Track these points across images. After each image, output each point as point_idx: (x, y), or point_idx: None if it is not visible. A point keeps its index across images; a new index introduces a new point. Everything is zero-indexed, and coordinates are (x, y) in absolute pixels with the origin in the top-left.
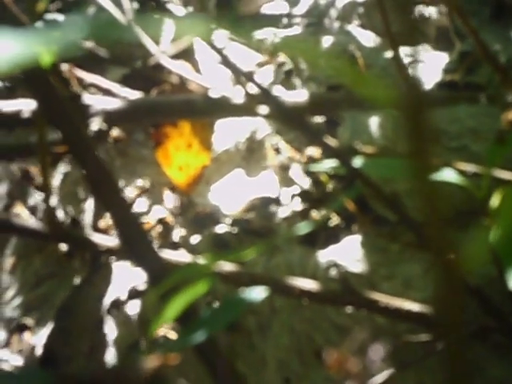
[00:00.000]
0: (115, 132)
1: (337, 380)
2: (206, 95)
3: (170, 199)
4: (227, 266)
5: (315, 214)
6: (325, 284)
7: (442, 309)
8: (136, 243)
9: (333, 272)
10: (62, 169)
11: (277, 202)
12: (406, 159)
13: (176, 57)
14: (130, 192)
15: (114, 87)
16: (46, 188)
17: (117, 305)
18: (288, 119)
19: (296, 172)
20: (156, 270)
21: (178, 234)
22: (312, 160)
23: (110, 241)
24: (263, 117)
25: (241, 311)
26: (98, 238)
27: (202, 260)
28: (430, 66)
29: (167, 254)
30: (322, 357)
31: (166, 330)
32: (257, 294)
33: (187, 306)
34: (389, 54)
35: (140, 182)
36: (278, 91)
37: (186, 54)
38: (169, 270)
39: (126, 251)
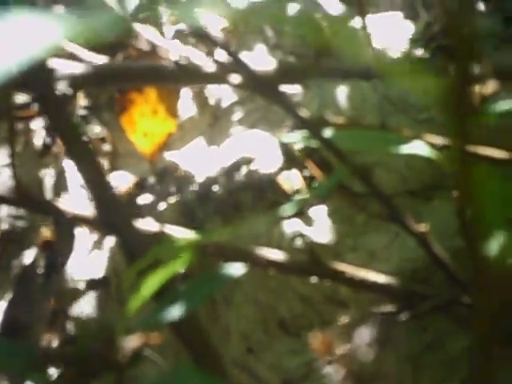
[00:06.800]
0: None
1: (300, 351)
2: (174, 62)
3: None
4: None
5: (283, 183)
6: (290, 254)
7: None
8: (111, 212)
9: (298, 242)
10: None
11: (242, 170)
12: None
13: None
14: None
15: (79, 51)
16: (12, 153)
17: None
18: (260, 88)
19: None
20: (133, 242)
21: (142, 200)
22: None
23: (78, 208)
24: (234, 86)
25: (219, 286)
26: (65, 206)
27: (173, 232)
28: (397, 34)
29: (139, 224)
30: (285, 327)
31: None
32: (235, 269)
33: (164, 282)
34: (355, 23)
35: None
36: (245, 58)
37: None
38: (144, 241)
39: (100, 221)
